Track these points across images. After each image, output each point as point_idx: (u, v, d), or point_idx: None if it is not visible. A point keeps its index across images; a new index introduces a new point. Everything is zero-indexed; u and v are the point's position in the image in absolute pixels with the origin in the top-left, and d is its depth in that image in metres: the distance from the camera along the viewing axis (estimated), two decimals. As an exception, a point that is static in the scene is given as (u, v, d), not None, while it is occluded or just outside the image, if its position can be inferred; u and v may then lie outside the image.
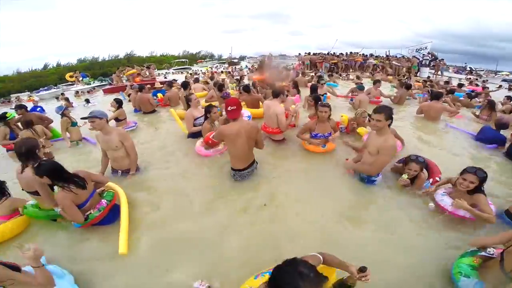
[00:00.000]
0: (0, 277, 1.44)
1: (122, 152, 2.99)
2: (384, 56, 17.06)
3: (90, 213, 2.22)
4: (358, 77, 11.31)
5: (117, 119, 5.32)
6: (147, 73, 12.66)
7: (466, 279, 1.65)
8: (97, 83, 16.58)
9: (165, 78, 16.01)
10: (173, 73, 26.42)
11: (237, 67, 26.44)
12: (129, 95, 8.01)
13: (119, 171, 3.12)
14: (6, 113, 4.59)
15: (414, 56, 15.50)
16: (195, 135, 4.00)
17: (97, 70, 25.07)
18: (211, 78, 8.79)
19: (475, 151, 3.94)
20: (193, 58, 50.60)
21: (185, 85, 6.19)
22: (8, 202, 2.43)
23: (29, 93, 19.86)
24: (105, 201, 2.35)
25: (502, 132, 4.19)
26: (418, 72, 14.77)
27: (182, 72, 26.99)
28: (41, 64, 37.46)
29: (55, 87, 18.71)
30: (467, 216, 2.22)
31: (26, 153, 2.29)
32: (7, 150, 4.47)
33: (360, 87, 6.39)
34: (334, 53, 16.98)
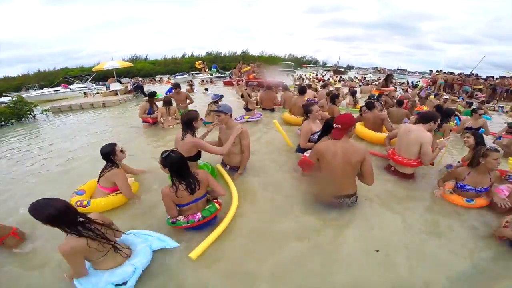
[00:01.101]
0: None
1: (237, 149, 3.02)
2: None
3: (179, 220, 2.12)
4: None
5: (247, 108, 5.93)
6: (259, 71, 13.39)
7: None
8: (218, 75, 19.03)
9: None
10: (277, 74, 27.38)
11: (344, 76, 25.07)
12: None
13: (228, 165, 3.20)
14: (155, 92, 5.92)
15: None
16: (306, 151, 3.55)
17: (219, 64, 28.72)
18: (324, 86, 8.42)
19: None
20: (298, 62, 51.20)
21: (302, 90, 5.97)
22: (109, 174, 2.58)
23: (168, 76, 25.02)
24: (201, 215, 2.13)
25: None
26: None
27: (287, 75, 27.85)
28: (180, 53, 45.41)
29: (187, 74, 22.88)
30: None
31: (187, 122, 2.69)
32: (143, 122, 5.58)
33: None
34: (477, 74, 13.50)
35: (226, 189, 2.65)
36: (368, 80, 18.17)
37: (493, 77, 12.98)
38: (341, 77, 23.70)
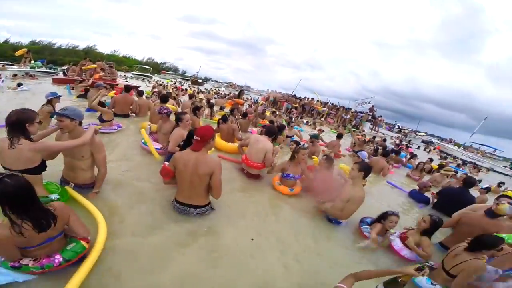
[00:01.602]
0: None
1: (86, 164, 2.47)
2: (336, 105, 19.08)
3: (26, 264, 1.55)
4: (314, 124, 12.57)
5: (101, 119, 5.01)
6: (109, 72, 11.63)
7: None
8: (44, 69, 14.58)
9: (126, 81, 15.08)
10: (131, 77, 25.15)
11: (201, 88, 26.55)
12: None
13: (71, 183, 2.53)
14: None
15: (356, 111, 17.73)
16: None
17: (48, 56, 22.33)
18: (190, 96, 8.64)
19: (408, 206, 4.82)
20: (156, 68, 49.20)
21: (164, 98, 5.88)
22: None
23: None
24: (62, 258, 1.63)
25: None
26: (361, 126, 17.06)
27: (143, 79, 25.93)
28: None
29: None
30: (412, 258, 2.80)
31: (16, 125, 1.99)
32: None
33: (316, 136, 6.52)
34: (294, 95, 18.59)
35: (87, 213, 2.28)
36: (221, 94, 20.24)
37: (306, 98, 18.37)
38: (198, 87, 24.88)
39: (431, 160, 8.52)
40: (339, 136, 7.31)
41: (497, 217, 3.02)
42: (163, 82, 21.24)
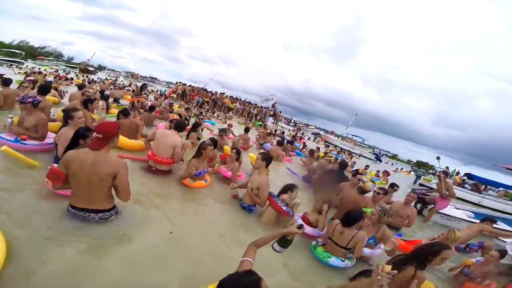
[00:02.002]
0: None
1: None
2: (244, 101, 20.18)
3: None
4: (225, 118, 13.02)
5: None
6: None
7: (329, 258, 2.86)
8: None
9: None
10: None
11: (92, 77, 22.67)
12: None
13: None
14: None
15: (261, 106, 19.63)
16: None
17: None
18: (80, 87, 7.18)
19: (303, 189, 5.70)
20: (31, 52, 39.35)
21: (44, 89, 4.74)
22: None
23: None
24: None
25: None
26: (265, 120, 18.84)
27: (10, 65, 21.16)
28: None
29: None
30: (314, 234, 3.38)
31: None
32: None
33: (224, 130, 7.05)
34: (205, 89, 18.43)
35: None
36: (119, 84, 17.82)
37: (216, 92, 18.53)
38: (88, 76, 21.15)
39: (318, 149, 10.41)
40: (247, 130, 7.97)
41: (364, 193, 3.90)
42: (39, 69, 17.36)
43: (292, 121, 32.32)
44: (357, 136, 35.27)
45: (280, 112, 23.23)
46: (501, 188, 15.23)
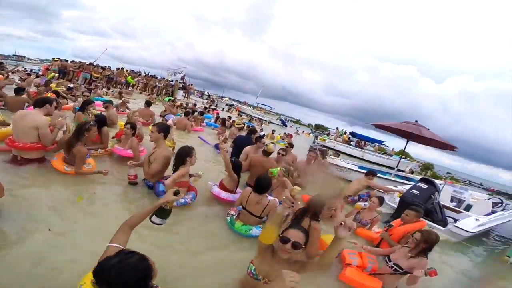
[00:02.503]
0: None
1: None
2: (146, 75, 18.14)
3: None
4: (120, 94, 11.25)
5: None
6: None
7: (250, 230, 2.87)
8: None
9: None
10: None
11: None
12: None
13: None
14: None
15: (171, 80, 18.38)
16: None
17: None
18: None
19: (215, 156, 5.92)
20: None
21: None
22: None
23: None
24: None
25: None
26: (172, 94, 17.75)
27: None
28: None
29: None
30: (230, 198, 3.38)
31: None
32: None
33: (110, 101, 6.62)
34: (97, 64, 15.35)
35: None
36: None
37: (110, 67, 15.72)
38: None
39: (229, 118, 10.74)
40: (148, 104, 7.29)
41: (269, 155, 4.13)
42: None
43: (206, 93, 31.72)
44: (266, 105, 38.32)
45: (191, 85, 22.22)
46: (375, 144, 19.77)
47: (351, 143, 18.12)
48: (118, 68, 16.25)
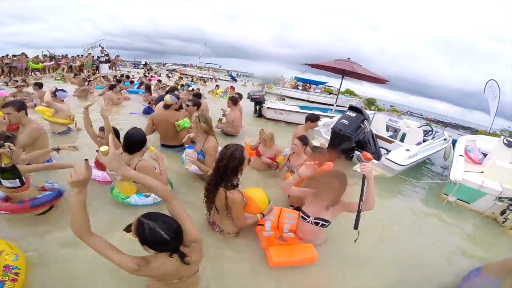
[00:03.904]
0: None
1: None
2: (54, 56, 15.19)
3: None
4: (24, 80, 9.38)
5: None
6: None
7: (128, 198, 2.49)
8: None
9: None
10: None
11: None
12: None
13: None
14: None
15: (90, 54, 16.06)
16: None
17: None
18: None
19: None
20: None
21: None
22: None
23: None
24: None
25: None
26: (98, 69, 15.72)
27: None
28: None
29: None
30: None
31: None
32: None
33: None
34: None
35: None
36: None
37: (8, 55, 12.74)
38: None
39: (159, 81, 10.04)
40: (39, 85, 6.02)
41: (169, 108, 3.78)
42: None
43: (143, 62, 29.07)
44: (213, 64, 37.91)
45: (118, 56, 19.96)
46: (320, 86, 20.57)
47: (298, 87, 18.74)
48: (18, 55, 13.29)
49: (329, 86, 21.89)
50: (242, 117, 5.58)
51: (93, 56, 16.14)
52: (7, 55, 13.15)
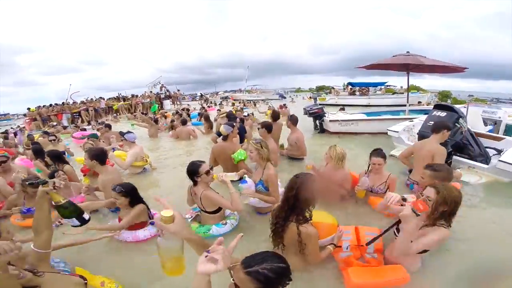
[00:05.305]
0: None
1: None
2: (124, 98, 17.52)
3: None
4: (108, 126, 10.84)
5: None
6: None
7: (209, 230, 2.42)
8: None
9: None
10: None
11: None
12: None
13: None
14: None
15: (151, 92, 17.83)
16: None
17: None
18: None
19: None
20: None
21: None
22: None
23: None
24: None
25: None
26: (162, 106, 17.20)
27: None
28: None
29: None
30: None
31: None
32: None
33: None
34: (70, 102, 15.14)
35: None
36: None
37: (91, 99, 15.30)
38: None
39: (219, 110, 10.33)
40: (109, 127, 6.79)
41: (226, 139, 3.71)
42: None
43: (198, 94, 31.42)
44: (259, 85, 38.92)
45: (179, 90, 21.74)
46: (379, 86, 18.77)
47: (355, 93, 17.25)
48: (96, 99, 15.83)
49: (388, 85, 19.97)
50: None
51: (156, 94, 17.75)
52: (91, 99, 15.74)
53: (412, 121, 5.44)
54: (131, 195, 2.41)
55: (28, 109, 13.66)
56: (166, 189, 3.78)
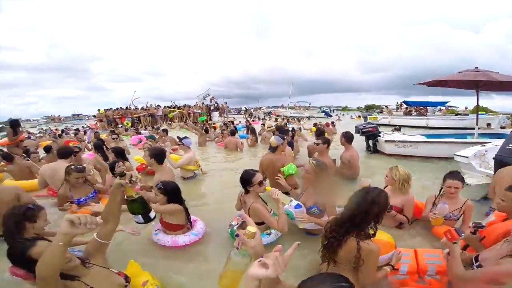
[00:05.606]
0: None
1: None
2: (178, 107, 18.79)
3: None
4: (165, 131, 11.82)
5: None
6: None
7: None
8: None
9: None
10: None
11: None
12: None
13: None
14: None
15: (203, 103, 18.84)
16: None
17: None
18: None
19: None
20: None
21: None
22: None
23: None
24: None
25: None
26: (210, 117, 18.09)
27: None
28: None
29: None
30: None
31: None
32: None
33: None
34: (132, 107, 16.98)
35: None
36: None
37: (146, 107, 17.08)
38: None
39: (263, 124, 10.54)
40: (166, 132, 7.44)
41: (275, 150, 3.65)
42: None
43: (243, 108, 32.60)
44: (303, 102, 38.85)
45: (226, 103, 22.75)
46: (440, 107, 16.98)
47: (413, 113, 15.81)
48: (154, 107, 17.42)
49: (449, 106, 17.94)
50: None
51: (206, 105, 18.80)
52: (151, 105, 17.40)
53: (485, 145, 4.76)
54: (170, 193, 2.41)
55: (98, 110, 15.73)
56: (210, 189, 4.17)
